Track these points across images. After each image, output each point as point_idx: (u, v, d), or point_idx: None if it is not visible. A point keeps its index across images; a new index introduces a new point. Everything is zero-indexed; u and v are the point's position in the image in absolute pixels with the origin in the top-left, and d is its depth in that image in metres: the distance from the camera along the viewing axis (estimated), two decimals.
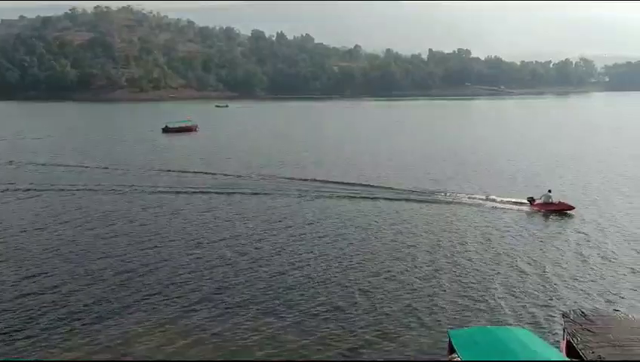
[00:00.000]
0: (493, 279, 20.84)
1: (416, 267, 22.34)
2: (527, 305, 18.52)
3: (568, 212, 30.45)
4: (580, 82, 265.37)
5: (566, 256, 23.63)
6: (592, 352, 12.02)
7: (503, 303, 18.63)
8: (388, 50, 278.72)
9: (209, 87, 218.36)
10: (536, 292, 19.52)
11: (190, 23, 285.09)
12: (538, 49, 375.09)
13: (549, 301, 18.73)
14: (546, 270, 21.82)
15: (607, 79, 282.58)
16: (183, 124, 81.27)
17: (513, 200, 32.70)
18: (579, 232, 27.18)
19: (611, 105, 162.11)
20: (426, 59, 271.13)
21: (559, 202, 31.11)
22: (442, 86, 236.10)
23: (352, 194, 35.80)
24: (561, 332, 14.25)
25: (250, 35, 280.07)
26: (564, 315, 14.32)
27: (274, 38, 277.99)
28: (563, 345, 13.75)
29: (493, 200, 33.07)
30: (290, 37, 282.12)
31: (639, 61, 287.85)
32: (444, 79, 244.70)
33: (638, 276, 21.10)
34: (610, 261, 22.88)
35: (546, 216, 30.34)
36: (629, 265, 22.24)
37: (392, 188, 37.26)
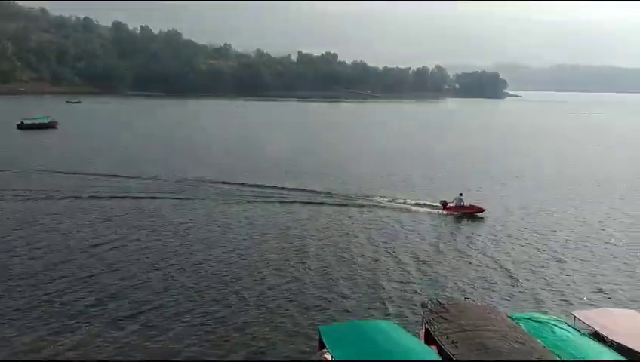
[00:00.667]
0: (372, 277, 21.62)
1: (296, 268, 22.53)
2: (396, 298, 19.52)
3: (479, 214, 31.37)
4: (435, 88, 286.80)
5: (447, 253, 25.03)
6: (447, 338, 12.97)
7: (375, 299, 19.49)
8: (258, 50, 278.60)
9: (64, 80, 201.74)
10: (407, 287, 20.61)
11: (44, 11, 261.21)
12: (400, 56, 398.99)
13: (415, 294, 19.83)
14: (422, 266, 23.05)
15: (457, 86, 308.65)
16: (41, 121, 75.87)
17: (428, 203, 33.46)
18: (474, 233, 28.61)
19: (473, 108, 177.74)
20: (295, 60, 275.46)
21: (470, 205, 31.88)
22: (311, 88, 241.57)
23: (217, 194, 35.55)
24: (421, 321, 15.30)
25: (110, 26, 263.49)
26: (423, 305, 15.33)
27: (138, 32, 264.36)
28: (422, 333, 14.75)
29: (409, 204, 33.54)
30: (155, 31, 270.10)
31: (483, 70, 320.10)
32: (313, 81, 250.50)
33: (500, 270, 23.00)
34: (487, 256, 24.63)
35: (457, 218, 31.10)
36: (502, 261, 24.05)
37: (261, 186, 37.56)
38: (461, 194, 32.37)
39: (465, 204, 31.84)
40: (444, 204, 32.28)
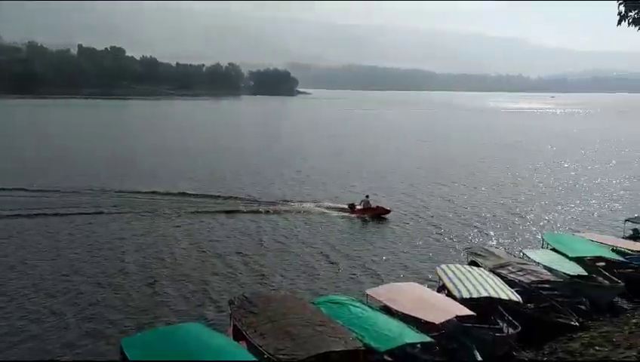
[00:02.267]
0: (189, 281, 21.11)
1: (112, 279, 21.12)
2: (208, 300, 19.32)
3: (386, 216, 31.51)
4: (231, 86, 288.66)
5: (270, 250, 25.22)
6: (254, 331, 13.29)
7: (189, 303, 19.09)
8: (30, 43, 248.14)
9: None
10: (222, 288, 20.40)
11: None
12: (194, 52, 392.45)
13: (229, 293, 19.54)
14: (241, 266, 23.00)
15: (252, 83, 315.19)
16: None
17: (338, 206, 33.15)
18: (355, 229, 29.27)
19: (274, 106, 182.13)
20: (76, 54, 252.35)
21: (377, 206, 32.01)
22: (97, 85, 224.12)
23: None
24: (229, 318, 15.35)
25: None
26: (230, 302, 15.44)
27: None
28: (230, 329, 14.85)
29: (317, 208, 33.03)
30: None
31: (276, 69, 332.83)
32: (98, 78, 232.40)
33: (317, 261, 24.08)
34: (308, 249, 25.50)
35: (364, 220, 31.05)
36: (323, 252, 25.08)
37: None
38: (367, 196, 32.64)
39: (372, 206, 32.03)
40: (351, 206, 32.34)
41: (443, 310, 15.10)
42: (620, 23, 14.55)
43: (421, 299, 15.98)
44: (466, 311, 15.16)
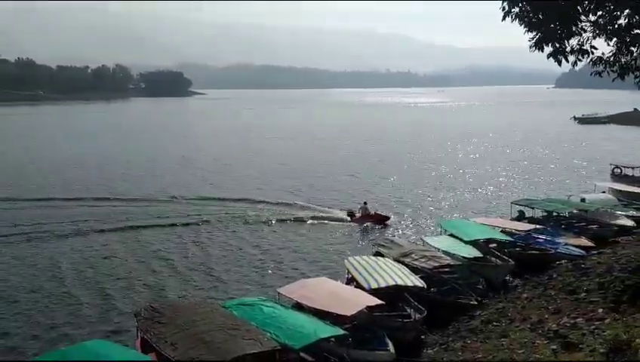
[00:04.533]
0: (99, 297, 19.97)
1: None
2: (115, 314, 18.42)
3: (387, 222, 30.14)
4: (119, 88, 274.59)
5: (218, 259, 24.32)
6: (165, 341, 12.75)
7: (90, 318, 18.17)
8: None
9: None
10: (127, 301, 19.46)
11: None
12: (76, 54, 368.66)
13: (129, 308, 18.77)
14: (156, 275, 22.19)
15: (143, 85, 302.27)
16: None
17: (337, 215, 31.63)
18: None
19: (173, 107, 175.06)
20: None
21: (375, 213, 30.72)
22: None
23: None
24: (136, 331, 14.61)
25: None
26: (136, 314, 14.72)
27: None
28: (138, 342, 14.16)
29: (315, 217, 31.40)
30: None
31: (168, 70, 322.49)
32: None
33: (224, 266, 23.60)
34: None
35: (363, 227, 29.63)
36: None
37: None
38: (365, 203, 31.42)
39: (370, 213, 30.78)
40: (350, 214, 31.07)
41: (353, 302, 15.43)
42: (504, 18, 15.71)
43: (332, 293, 16.21)
44: (375, 301, 15.61)
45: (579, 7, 15.46)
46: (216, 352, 12.04)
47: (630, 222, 26.22)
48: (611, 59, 16.04)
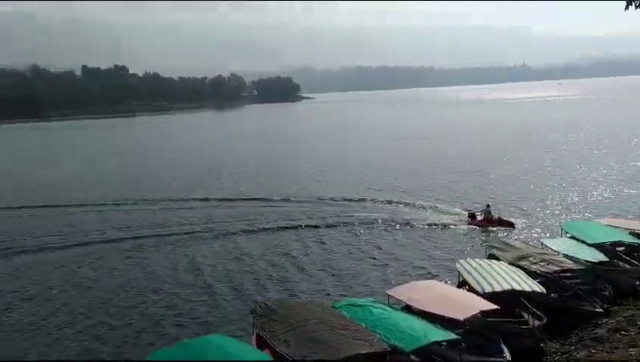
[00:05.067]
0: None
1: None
2: (233, 311, 19.42)
3: (509, 229, 28.08)
4: (234, 96, 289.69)
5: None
6: (278, 338, 13.24)
7: (210, 314, 19.26)
8: (34, 67, 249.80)
9: None
10: (245, 298, 20.46)
11: None
12: (193, 66, 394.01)
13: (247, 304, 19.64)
14: (274, 273, 23.11)
15: (255, 92, 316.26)
16: None
17: (451, 216, 31.02)
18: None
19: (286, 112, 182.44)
20: (80, 75, 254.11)
21: (498, 218, 28.99)
22: (101, 104, 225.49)
23: None
24: (252, 327, 15.31)
25: None
26: (252, 311, 15.41)
27: None
28: (253, 339, 14.81)
29: (433, 217, 31.01)
30: None
31: (277, 76, 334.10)
32: (102, 97, 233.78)
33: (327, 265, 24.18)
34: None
35: (478, 229, 28.38)
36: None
37: None
38: (488, 206, 29.53)
39: (493, 217, 28.97)
40: (471, 215, 29.57)
41: (466, 305, 14.95)
42: (627, 7, 14.37)
43: (443, 296, 15.84)
44: (489, 306, 15.01)
45: None
46: (328, 351, 12.27)
47: None
48: None
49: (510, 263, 18.91)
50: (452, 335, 13.53)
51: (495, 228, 28.13)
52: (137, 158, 69.27)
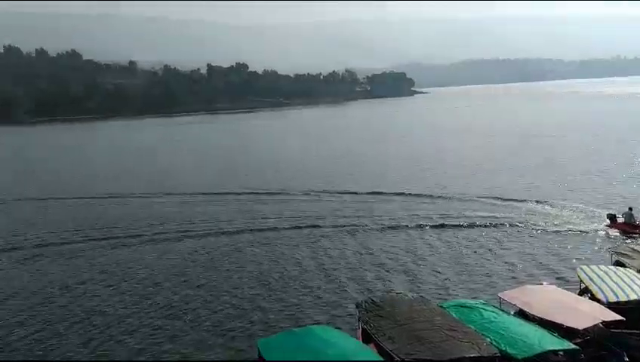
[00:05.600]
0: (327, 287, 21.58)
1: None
2: (328, 303, 19.75)
3: None
4: (348, 91, 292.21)
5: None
6: (383, 334, 13.22)
7: (316, 305, 19.75)
8: (166, 67, 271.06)
9: None
10: (351, 290, 20.77)
11: None
12: (305, 65, 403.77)
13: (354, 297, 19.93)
14: (381, 268, 23.29)
15: (368, 88, 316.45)
16: None
17: (588, 217, 29.45)
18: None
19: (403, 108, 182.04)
20: (205, 73, 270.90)
21: None
22: (224, 100, 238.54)
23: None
24: (357, 321, 15.46)
25: (2, 51, 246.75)
26: (357, 305, 15.53)
27: (33, 55, 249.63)
28: (359, 332, 14.93)
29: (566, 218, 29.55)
30: (52, 53, 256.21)
31: (391, 71, 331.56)
32: (226, 93, 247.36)
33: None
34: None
35: (603, 233, 26.58)
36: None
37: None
38: (630, 209, 27.25)
39: (636, 222, 26.68)
40: (611, 217, 27.40)
41: (586, 315, 13.90)
42: None
43: (560, 303, 14.86)
44: (613, 316, 13.85)
45: None
46: (434, 351, 12.06)
47: None
48: None
49: (639, 271, 17.29)
50: (570, 345, 12.68)
51: (638, 235, 25.57)
52: (267, 151, 72.05)
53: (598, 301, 15.12)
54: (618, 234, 26.25)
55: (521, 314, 15.05)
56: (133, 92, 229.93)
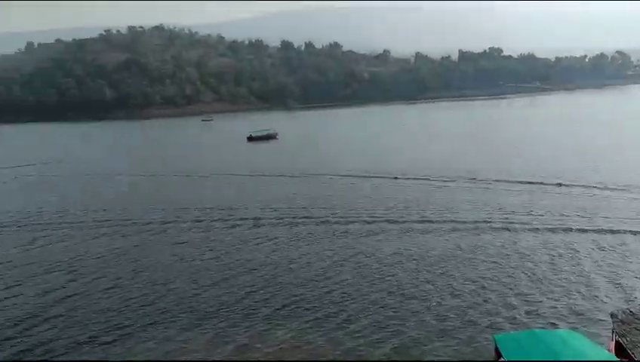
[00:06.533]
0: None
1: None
2: (576, 307, 18.74)
3: None
4: (615, 75, 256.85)
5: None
6: None
7: (565, 307, 19.00)
8: (417, 54, 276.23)
9: (241, 99, 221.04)
10: (607, 297, 19.52)
11: (220, 37, 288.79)
12: (562, 45, 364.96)
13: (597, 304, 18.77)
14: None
15: None
16: (267, 133, 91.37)
17: None
18: None
19: None
20: (456, 60, 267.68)
21: None
22: (474, 86, 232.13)
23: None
24: (610, 333, 14.39)
25: (279, 46, 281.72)
26: (612, 315, 14.48)
27: (302, 48, 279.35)
28: (612, 345, 13.90)
29: None
30: (318, 46, 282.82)
31: None
32: (475, 79, 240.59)
33: None
34: None
35: None
36: None
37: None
38: None
39: None
40: None
41: None
42: None
43: None
44: None
45: None
46: None
47: None
48: None
49: None
50: None
51: None
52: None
53: None
54: None
55: None
56: (386, 79, 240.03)
